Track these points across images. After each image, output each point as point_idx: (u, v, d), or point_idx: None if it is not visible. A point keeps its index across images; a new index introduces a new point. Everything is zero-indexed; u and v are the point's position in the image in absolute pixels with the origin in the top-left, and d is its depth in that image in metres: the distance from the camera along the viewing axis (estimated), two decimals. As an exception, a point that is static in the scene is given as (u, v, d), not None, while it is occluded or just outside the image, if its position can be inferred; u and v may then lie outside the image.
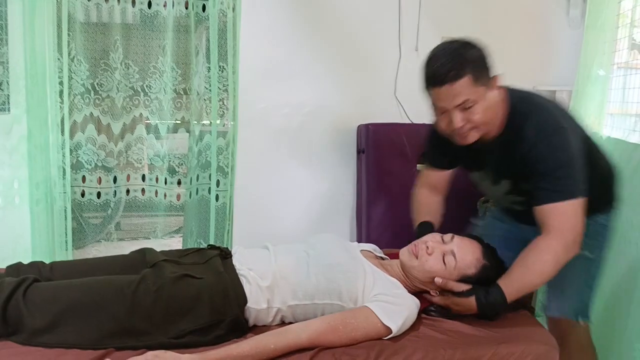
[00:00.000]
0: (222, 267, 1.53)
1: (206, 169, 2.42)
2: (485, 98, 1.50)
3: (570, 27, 2.76)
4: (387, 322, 1.42)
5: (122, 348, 1.33)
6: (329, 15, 2.56)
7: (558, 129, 1.54)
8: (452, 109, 1.49)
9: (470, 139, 1.55)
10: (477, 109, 1.49)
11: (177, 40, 2.31)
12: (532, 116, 1.56)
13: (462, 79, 1.45)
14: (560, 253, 1.50)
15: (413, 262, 1.57)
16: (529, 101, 1.61)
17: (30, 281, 1.40)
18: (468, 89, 1.46)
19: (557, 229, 1.49)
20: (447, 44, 1.53)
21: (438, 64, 1.48)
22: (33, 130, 2.14)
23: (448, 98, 1.48)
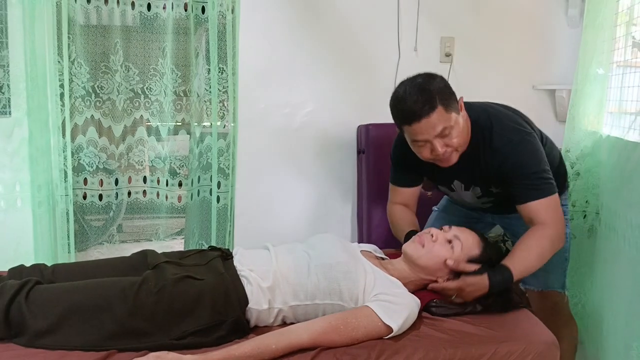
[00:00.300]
0: (223, 268, 1.53)
1: (207, 171, 2.43)
2: (457, 121, 1.62)
3: (569, 26, 2.76)
4: (387, 322, 1.43)
5: (124, 349, 1.34)
6: (328, 16, 2.56)
7: (524, 136, 1.70)
8: (433, 138, 1.60)
9: (453, 160, 1.67)
10: (453, 133, 1.61)
11: (176, 42, 2.31)
12: (495, 128, 1.70)
13: (436, 110, 1.56)
14: (556, 240, 1.67)
15: (420, 251, 1.62)
16: (486, 114, 1.74)
17: (33, 283, 1.41)
18: (443, 118, 1.58)
19: (550, 221, 1.65)
20: (410, 81, 1.64)
21: (411, 101, 1.58)
22: (34, 133, 2.14)
23: (428, 130, 1.58)
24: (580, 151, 2.26)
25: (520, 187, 1.67)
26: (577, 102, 2.28)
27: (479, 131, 1.70)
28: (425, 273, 1.63)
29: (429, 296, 1.61)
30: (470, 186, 1.80)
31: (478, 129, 1.70)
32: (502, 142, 1.68)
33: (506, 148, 1.67)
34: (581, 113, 2.27)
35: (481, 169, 1.72)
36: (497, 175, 1.71)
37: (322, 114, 2.61)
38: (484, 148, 1.70)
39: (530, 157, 1.68)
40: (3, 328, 1.35)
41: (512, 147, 1.67)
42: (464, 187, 1.81)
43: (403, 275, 1.63)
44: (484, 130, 1.70)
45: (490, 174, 1.72)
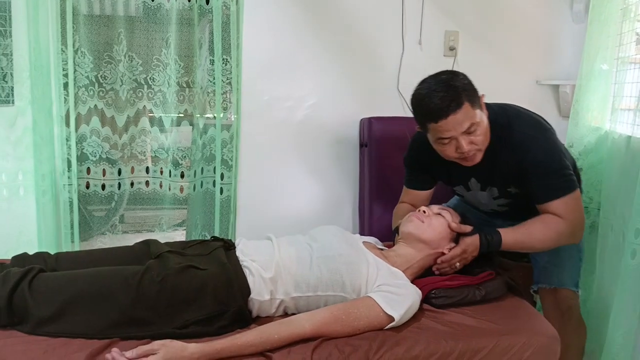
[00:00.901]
0: (226, 258, 1.54)
1: (210, 162, 2.43)
2: (481, 118, 1.62)
3: (573, 21, 2.75)
4: (389, 311, 1.43)
5: (126, 338, 1.35)
6: (332, 8, 2.55)
7: (544, 132, 1.69)
8: (459, 135, 1.58)
9: (477, 159, 1.66)
10: (478, 130, 1.60)
11: (180, 33, 2.31)
12: (514, 126, 1.68)
13: (463, 106, 1.55)
14: (565, 236, 1.66)
15: (422, 226, 1.67)
16: (504, 112, 1.73)
17: (36, 271, 1.42)
18: (469, 114, 1.57)
19: (568, 218, 1.64)
20: (434, 78, 1.64)
21: (437, 97, 1.57)
22: (38, 122, 2.14)
23: (455, 127, 1.57)
24: (584, 147, 2.26)
25: (540, 185, 1.65)
26: (581, 97, 2.28)
27: (498, 129, 1.68)
28: (431, 247, 1.67)
29: (429, 287, 1.61)
30: (487, 186, 1.78)
31: (497, 127, 1.68)
32: (522, 137, 1.66)
33: (526, 143, 1.65)
34: (585, 109, 2.27)
35: (500, 167, 1.70)
36: (517, 172, 1.68)
37: (325, 107, 2.60)
38: (503, 145, 1.68)
39: (551, 152, 1.65)
40: (6, 315, 1.36)
41: (533, 142, 1.65)
42: (481, 186, 1.80)
43: (407, 260, 1.65)
44: (502, 127, 1.68)
45: (509, 172, 1.70)
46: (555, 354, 1.47)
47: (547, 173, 1.64)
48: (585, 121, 2.26)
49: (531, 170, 1.65)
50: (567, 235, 1.67)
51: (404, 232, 1.69)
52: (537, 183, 1.66)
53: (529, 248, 1.74)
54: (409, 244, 1.69)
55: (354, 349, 1.35)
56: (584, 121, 2.27)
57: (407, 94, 2.64)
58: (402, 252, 1.68)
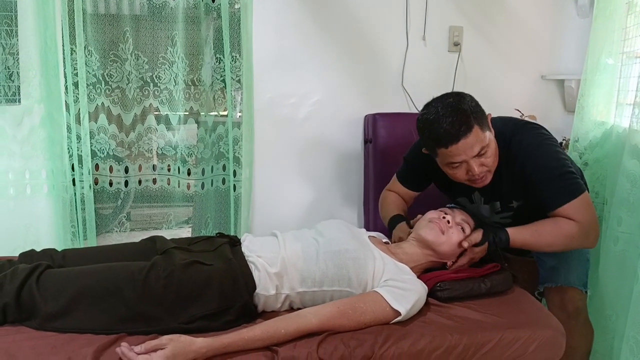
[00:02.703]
0: (231, 254, 1.55)
1: (219, 160, 2.45)
2: (491, 140, 1.61)
3: (578, 15, 2.74)
4: (396, 306, 1.44)
5: (133, 333, 1.36)
6: (336, 5, 2.55)
7: (543, 139, 1.67)
8: (470, 159, 1.58)
9: (487, 180, 1.66)
10: (489, 152, 1.60)
11: (185, 31, 2.32)
12: (516, 135, 1.67)
13: (473, 130, 1.55)
14: (577, 239, 1.63)
15: (441, 238, 1.64)
16: (509, 123, 1.73)
17: (44, 267, 1.43)
18: (480, 137, 1.57)
19: (581, 221, 1.60)
20: (440, 101, 1.61)
21: (446, 122, 1.55)
22: (46, 120, 2.16)
23: (466, 151, 1.57)
24: (589, 141, 2.24)
25: (547, 191, 1.63)
26: (587, 92, 2.27)
27: (503, 142, 1.68)
28: (438, 257, 1.67)
29: (434, 280, 1.61)
30: (490, 200, 1.76)
31: (503, 140, 1.68)
32: (520, 146, 1.65)
33: (525, 152, 1.64)
34: (590, 103, 2.25)
35: (504, 181, 1.70)
36: (522, 184, 1.67)
37: (330, 104, 2.61)
38: (505, 157, 1.67)
39: (551, 157, 1.64)
40: (14, 311, 1.37)
41: (531, 149, 1.64)
42: (484, 200, 1.77)
43: (413, 259, 1.65)
44: (505, 139, 1.68)
45: (514, 186, 1.69)
46: (561, 347, 1.47)
47: (550, 178, 1.62)
48: (590, 116, 2.25)
49: (534, 178, 1.63)
50: (580, 238, 1.63)
51: (421, 236, 1.66)
52: (543, 190, 1.63)
53: (537, 249, 1.72)
54: (419, 247, 1.67)
55: (360, 343, 1.36)
56: (590, 116, 2.25)
57: (412, 90, 2.67)
58: (410, 251, 1.67)
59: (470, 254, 1.67)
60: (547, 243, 1.65)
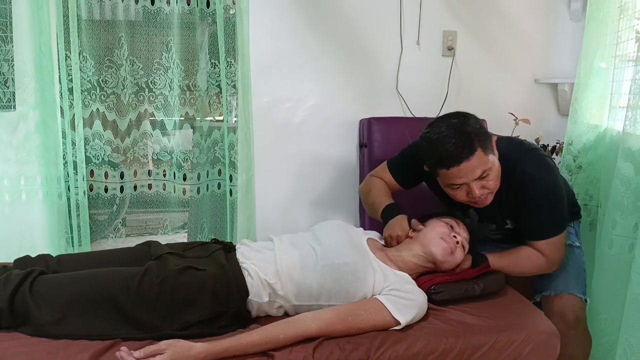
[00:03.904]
0: (225, 260, 1.55)
1: (215, 165, 2.45)
2: (494, 163, 1.61)
3: (571, 19, 2.76)
4: (397, 316, 1.44)
5: (128, 339, 1.36)
6: (331, 9, 2.56)
7: (547, 170, 1.69)
8: (471, 182, 1.58)
9: (488, 202, 1.67)
10: (491, 175, 1.60)
11: (181, 36, 2.33)
12: (518, 163, 1.67)
13: (475, 153, 1.54)
14: (544, 269, 1.75)
15: (449, 257, 1.65)
16: (516, 147, 1.74)
17: (37, 273, 1.43)
18: (482, 161, 1.56)
19: (549, 257, 1.71)
20: (444, 122, 1.61)
21: (449, 145, 1.54)
22: (41, 126, 2.16)
23: (467, 174, 1.56)
24: (583, 145, 2.26)
25: (530, 223, 1.70)
26: (580, 95, 2.28)
27: (507, 164, 1.67)
28: (435, 268, 1.68)
29: (428, 283, 1.62)
30: (484, 220, 1.80)
31: (506, 162, 1.68)
32: (523, 176, 1.66)
33: (526, 182, 1.66)
34: (584, 107, 2.27)
35: (502, 202, 1.71)
36: (515, 209, 1.71)
37: (325, 108, 2.61)
38: (506, 182, 1.67)
39: (548, 194, 1.67)
40: (8, 317, 1.37)
41: (532, 182, 1.66)
42: (479, 219, 1.81)
43: (410, 268, 1.65)
44: (510, 163, 1.68)
45: (510, 208, 1.72)
46: (555, 349, 1.48)
47: (539, 213, 1.67)
48: (584, 119, 2.27)
49: (525, 208, 1.68)
50: (545, 270, 1.75)
51: (432, 253, 1.64)
52: (528, 220, 1.70)
53: (511, 274, 1.78)
54: (423, 260, 1.66)
55: (355, 347, 1.36)
56: (583, 119, 2.27)
57: (406, 94, 2.68)
58: (409, 259, 1.66)
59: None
60: (519, 272, 1.76)
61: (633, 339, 1.64)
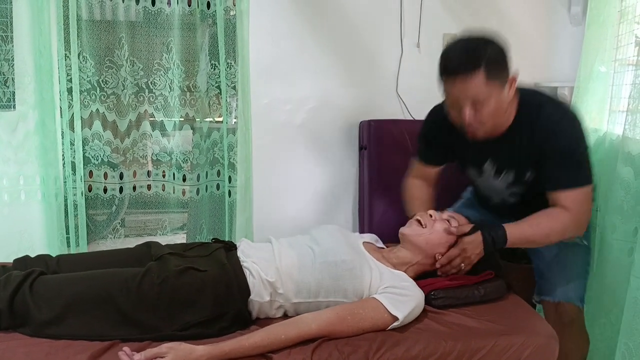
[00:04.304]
0: (226, 259, 1.55)
1: (214, 166, 2.45)
2: (496, 97, 1.51)
3: (571, 23, 2.77)
4: (394, 312, 1.44)
5: (128, 339, 1.35)
6: (331, 11, 2.57)
7: (573, 120, 1.60)
8: (463, 102, 1.52)
9: (476, 134, 1.59)
10: (486, 107, 1.51)
11: (181, 37, 2.33)
12: (546, 107, 1.59)
13: (474, 74, 1.47)
14: (570, 229, 1.62)
15: (421, 230, 1.65)
16: (539, 95, 1.65)
17: (37, 274, 1.43)
18: (479, 86, 1.48)
19: (573, 210, 1.59)
20: (467, 37, 1.56)
21: (454, 56, 1.51)
22: (42, 126, 2.16)
23: (459, 91, 1.51)
24: (583, 149, 2.26)
25: (555, 172, 1.59)
26: (580, 99, 2.28)
27: (526, 109, 1.60)
28: (425, 255, 1.66)
29: (428, 287, 1.62)
30: (504, 169, 1.69)
31: (526, 107, 1.60)
32: (549, 121, 1.58)
33: (552, 127, 1.57)
34: (584, 110, 2.26)
35: (521, 149, 1.62)
36: (537, 156, 1.60)
37: (325, 110, 2.62)
38: (529, 126, 1.60)
39: (574, 141, 1.58)
40: (7, 318, 1.37)
41: (558, 127, 1.57)
42: (495, 171, 1.71)
43: (404, 262, 1.65)
44: (531, 107, 1.60)
45: (529, 155, 1.62)
46: (554, 353, 1.48)
47: (565, 161, 1.58)
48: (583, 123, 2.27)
49: (550, 154, 1.58)
50: (572, 229, 1.62)
51: (401, 234, 1.70)
52: (553, 169, 1.59)
53: (535, 242, 1.68)
54: (405, 247, 1.69)
55: (354, 350, 1.36)
56: (583, 123, 2.27)
57: (406, 96, 2.68)
58: (400, 254, 1.69)
59: (461, 244, 1.62)
60: (545, 234, 1.62)
61: (632, 343, 1.64)
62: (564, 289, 1.77)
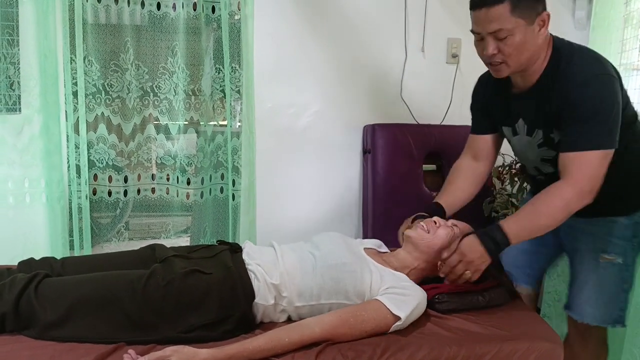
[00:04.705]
0: (231, 261, 1.55)
1: (217, 169, 2.46)
2: (523, 32, 1.46)
3: (576, 28, 2.76)
4: (396, 312, 1.44)
5: (132, 342, 1.35)
6: (335, 16, 2.57)
7: (601, 75, 1.48)
8: (486, 35, 1.48)
9: (502, 72, 1.54)
10: (511, 40, 1.47)
11: (186, 41, 2.34)
12: (576, 59, 1.51)
13: (499, 5, 1.44)
14: (573, 201, 1.49)
15: (424, 235, 1.64)
16: (573, 46, 1.56)
17: (42, 276, 1.43)
18: (504, 18, 1.44)
19: (575, 177, 1.48)
20: None
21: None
22: (47, 129, 2.17)
23: (483, 23, 1.47)
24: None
25: (570, 131, 1.49)
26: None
27: (556, 60, 1.52)
28: (426, 259, 1.65)
29: (432, 292, 1.62)
30: (534, 129, 1.61)
31: (558, 58, 1.52)
32: (574, 72, 1.48)
33: (576, 79, 1.47)
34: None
35: (548, 104, 1.54)
36: (559, 109, 1.51)
37: (329, 114, 2.62)
38: (556, 78, 1.51)
39: (598, 98, 1.46)
40: (13, 320, 1.37)
41: (584, 79, 1.47)
42: (527, 129, 1.63)
43: (405, 265, 1.65)
44: (561, 59, 1.52)
45: (555, 111, 1.52)
46: (559, 358, 1.47)
47: (582, 118, 1.46)
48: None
49: (569, 110, 1.48)
50: (576, 200, 1.49)
51: (405, 236, 1.70)
52: (568, 127, 1.49)
53: (540, 227, 1.55)
54: (406, 249, 1.69)
55: (357, 354, 1.35)
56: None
57: (410, 101, 2.68)
58: (401, 257, 1.68)
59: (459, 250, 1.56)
60: (546, 214, 1.51)
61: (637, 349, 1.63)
62: (594, 310, 1.66)
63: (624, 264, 1.63)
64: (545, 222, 1.53)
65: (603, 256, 1.63)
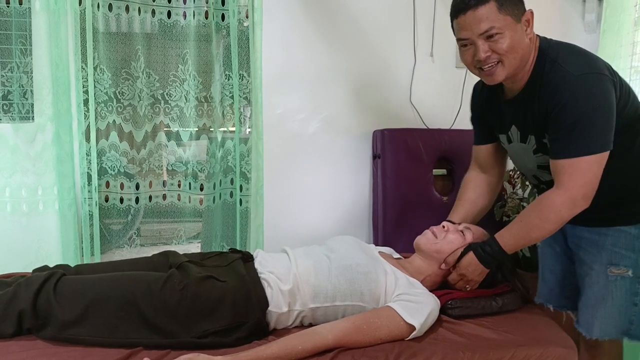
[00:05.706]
0: (245, 270, 1.55)
1: (227, 174, 2.47)
2: (511, 32, 1.44)
3: (585, 31, 2.75)
4: (409, 320, 1.44)
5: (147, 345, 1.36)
6: (344, 21, 2.58)
7: (587, 74, 1.41)
8: (477, 38, 1.44)
9: (497, 75, 1.48)
10: (503, 38, 1.43)
11: (197, 49, 2.36)
12: (560, 61, 1.45)
13: (485, 4, 1.41)
14: (564, 211, 1.46)
15: (434, 240, 1.66)
16: (558, 46, 1.51)
17: (60, 275, 1.44)
18: (493, 16, 1.41)
19: (566, 185, 1.44)
20: None
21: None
22: (59, 137, 2.19)
23: (471, 25, 1.43)
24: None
25: (557, 137, 1.44)
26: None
27: (542, 62, 1.48)
28: (438, 265, 1.67)
29: (445, 297, 1.61)
30: (527, 135, 1.57)
31: (542, 60, 1.48)
32: (558, 74, 1.43)
33: (559, 81, 1.42)
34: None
35: (535, 109, 1.49)
36: (545, 115, 1.46)
37: (338, 119, 2.63)
38: (541, 82, 1.48)
39: (582, 98, 1.39)
40: (30, 318, 1.37)
41: (566, 80, 1.41)
42: (520, 135, 1.59)
43: (420, 272, 1.66)
44: (545, 61, 1.48)
45: (541, 116, 1.48)
46: (573, 364, 1.46)
47: (568, 123, 1.40)
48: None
49: (554, 114, 1.43)
50: (568, 207, 1.45)
51: (415, 243, 1.71)
52: (554, 133, 1.45)
53: (532, 238, 1.56)
54: (419, 255, 1.71)
55: (371, 360, 1.36)
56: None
57: (420, 105, 2.68)
58: (415, 263, 1.69)
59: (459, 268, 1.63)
60: (538, 226, 1.50)
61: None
62: (602, 325, 1.60)
63: (634, 277, 1.55)
64: (537, 235, 1.56)
65: (612, 270, 1.56)
